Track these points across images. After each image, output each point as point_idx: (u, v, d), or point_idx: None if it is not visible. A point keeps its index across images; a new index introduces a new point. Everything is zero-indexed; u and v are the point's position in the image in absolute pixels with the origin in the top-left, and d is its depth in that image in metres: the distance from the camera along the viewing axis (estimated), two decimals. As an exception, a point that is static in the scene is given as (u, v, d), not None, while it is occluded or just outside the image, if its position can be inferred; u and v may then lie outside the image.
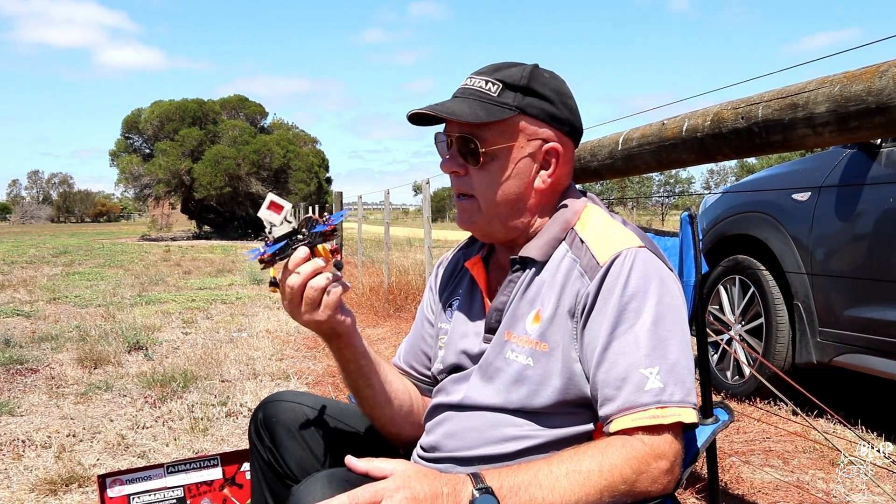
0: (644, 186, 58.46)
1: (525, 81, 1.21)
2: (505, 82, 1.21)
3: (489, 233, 1.27)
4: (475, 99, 1.20)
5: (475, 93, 1.21)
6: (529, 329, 1.20)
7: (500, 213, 1.24)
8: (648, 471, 1.06)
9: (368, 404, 1.35)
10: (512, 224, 1.25)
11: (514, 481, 1.02)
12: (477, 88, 1.21)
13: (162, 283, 10.02)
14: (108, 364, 4.58)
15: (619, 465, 1.04)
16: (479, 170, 1.22)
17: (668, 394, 1.08)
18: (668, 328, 1.12)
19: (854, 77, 1.37)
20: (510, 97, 1.20)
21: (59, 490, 2.55)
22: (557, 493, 1.02)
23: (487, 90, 1.20)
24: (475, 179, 1.22)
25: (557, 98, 1.23)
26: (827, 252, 3.31)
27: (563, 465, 1.05)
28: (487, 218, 1.24)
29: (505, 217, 1.24)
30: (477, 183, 1.22)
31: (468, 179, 1.23)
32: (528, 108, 1.21)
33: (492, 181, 1.22)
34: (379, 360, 1.34)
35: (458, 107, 1.19)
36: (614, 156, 2.28)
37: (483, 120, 1.18)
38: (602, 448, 1.07)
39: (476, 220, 1.25)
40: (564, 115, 1.24)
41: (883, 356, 2.99)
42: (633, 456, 1.05)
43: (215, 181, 28.51)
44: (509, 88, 1.20)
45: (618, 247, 1.17)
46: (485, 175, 1.22)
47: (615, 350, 1.11)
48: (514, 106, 1.20)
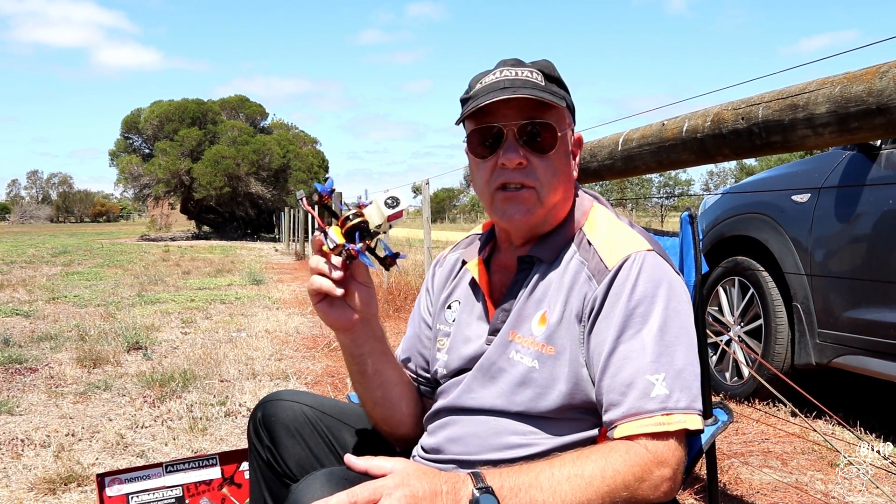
0: (644, 188, 58.48)
1: (557, 74, 1.24)
2: (544, 73, 1.21)
3: (539, 225, 1.24)
4: (532, 87, 1.18)
5: (527, 82, 1.19)
6: (535, 331, 1.19)
7: (556, 204, 1.23)
8: (651, 478, 1.05)
9: (362, 399, 1.35)
10: (559, 214, 1.25)
11: (515, 482, 1.01)
12: (525, 78, 1.19)
13: (161, 283, 10.02)
14: (107, 364, 4.57)
15: (622, 472, 1.04)
16: (544, 159, 1.19)
17: (673, 400, 1.07)
18: (674, 334, 1.11)
19: (854, 78, 1.37)
20: (554, 87, 1.21)
21: (57, 489, 2.54)
22: (558, 497, 1.01)
23: (535, 80, 1.19)
24: (540, 169, 1.19)
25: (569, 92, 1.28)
26: (826, 253, 3.31)
27: (566, 468, 1.04)
28: (547, 208, 1.21)
29: (558, 207, 1.24)
30: (542, 173, 1.19)
31: (531, 170, 1.19)
32: (567, 99, 1.24)
33: (555, 170, 1.20)
34: (382, 367, 1.32)
35: (537, 92, 1.17)
36: (614, 156, 2.28)
37: (560, 104, 1.18)
38: (605, 453, 1.06)
39: (535, 211, 1.20)
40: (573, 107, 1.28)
41: (882, 358, 2.99)
42: (636, 462, 1.05)
43: (215, 181, 28.52)
44: (548, 80, 1.21)
45: (626, 250, 1.16)
46: (549, 164, 1.19)
47: (621, 355, 1.10)
48: (561, 95, 1.22)
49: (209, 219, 32.80)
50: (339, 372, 4.37)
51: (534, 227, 1.24)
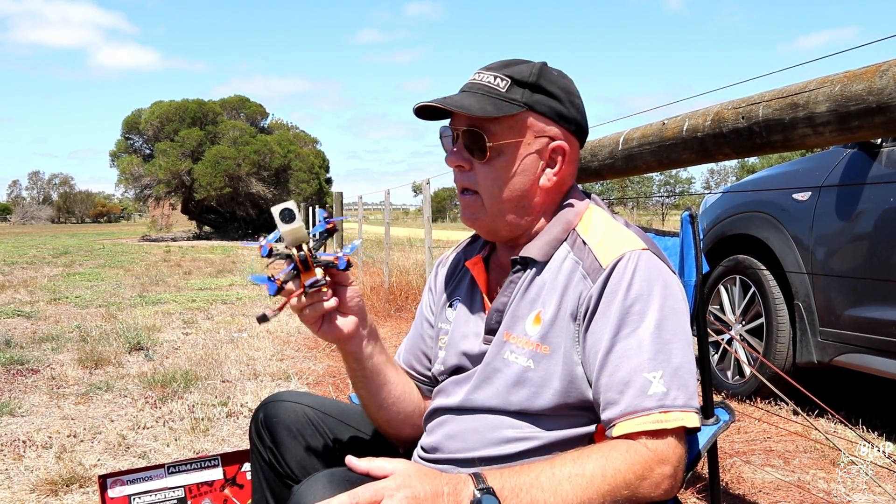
0: (644, 186, 58.47)
1: (534, 78, 1.20)
2: (514, 78, 1.20)
3: (493, 230, 1.26)
4: (483, 94, 1.19)
5: (483, 87, 1.20)
6: (530, 330, 1.19)
7: (504, 210, 1.23)
8: (651, 476, 1.05)
9: (363, 403, 1.35)
10: (516, 222, 1.24)
11: (516, 482, 1.02)
12: (485, 83, 1.21)
13: (162, 283, 10.02)
14: (108, 364, 4.58)
15: (623, 470, 1.04)
16: (484, 165, 1.21)
17: (671, 398, 1.07)
18: (671, 331, 1.11)
19: (855, 76, 1.37)
20: (519, 93, 1.20)
21: (59, 490, 2.55)
22: (559, 496, 1.01)
23: (496, 85, 1.20)
24: (480, 175, 1.21)
25: (565, 96, 1.23)
26: (827, 252, 3.31)
27: (566, 467, 1.04)
28: (491, 215, 1.23)
29: (509, 214, 1.23)
30: (482, 178, 1.21)
31: (473, 175, 1.22)
32: (537, 105, 1.20)
33: (497, 177, 1.21)
34: (383, 368, 1.32)
35: (466, 101, 1.19)
36: (615, 156, 2.28)
37: (491, 114, 1.17)
38: (605, 452, 1.06)
39: (479, 217, 1.24)
40: (571, 113, 1.24)
41: (883, 356, 2.99)
42: (637, 461, 1.05)
43: (215, 182, 28.51)
44: (518, 85, 1.20)
45: (621, 249, 1.16)
46: (490, 170, 1.21)
47: (618, 354, 1.10)
48: (522, 102, 1.19)
49: (210, 219, 32.78)
50: (340, 372, 4.37)
51: (488, 232, 1.27)
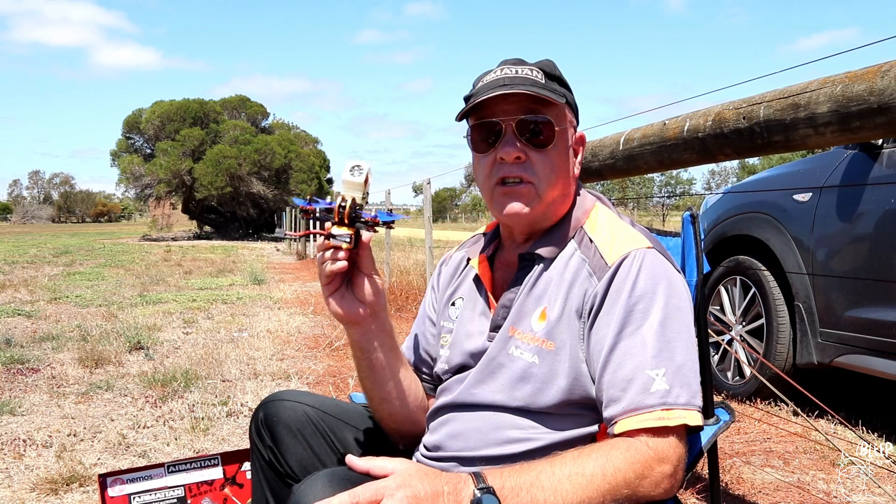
0: (645, 187, 58.46)
1: (558, 72, 1.25)
2: (545, 71, 1.23)
3: (538, 220, 1.25)
4: (531, 84, 1.20)
5: (526, 80, 1.21)
6: (535, 327, 1.20)
7: (555, 199, 1.24)
8: (651, 475, 1.05)
9: (367, 394, 1.36)
10: (560, 209, 1.27)
11: (516, 482, 1.02)
12: (525, 76, 1.21)
13: (163, 283, 10.03)
14: (108, 364, 4.58)
15: (623, 469, 1.04)
16: (540, 153, 1.21)
17: (673, 396, 1.08)
18: (675, 330, 1.11)
19: (856, 77, 1.37)
20: (555, 85, 1.23)
21: (59, 489, 2.55)
22: (559, 496, 1.01)
23: (535, 77, 1.21)
24: (538, 164, 1.21)
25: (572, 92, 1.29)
26: (828, 253, 3.31)
27: (566, 466, 1.04)
28: (545, 204, 1.23)
29: (557, 203, 1.25)
30: (540, 167, 1.21)
31: (528, 165, 1.21)
32: (568, 97, 1.25)
33: (554, 165, 1.22)
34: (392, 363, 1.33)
35: (534, 89, 1.19)
36: (615, 156, 2.28)
37: (559, 101, 1.20)
38: (606, 451, 1.06)
39: (534, 206, 1.22)
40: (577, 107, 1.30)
41: (884, 357, 2.99)
42: (637, 459, 1.05)
43: (216, 181, 28.52)
44: (549, 78, 1.23)
45: (626, 247, 1.17)
46: (547, 159, 1.21)
47: (621, 351, 1.11)
48: (561, 93, 1.23)
49: (211, 219, 32.80)
50: (340, 372, 4.37)
51: (533, 221, 1.25)
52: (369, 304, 1.24)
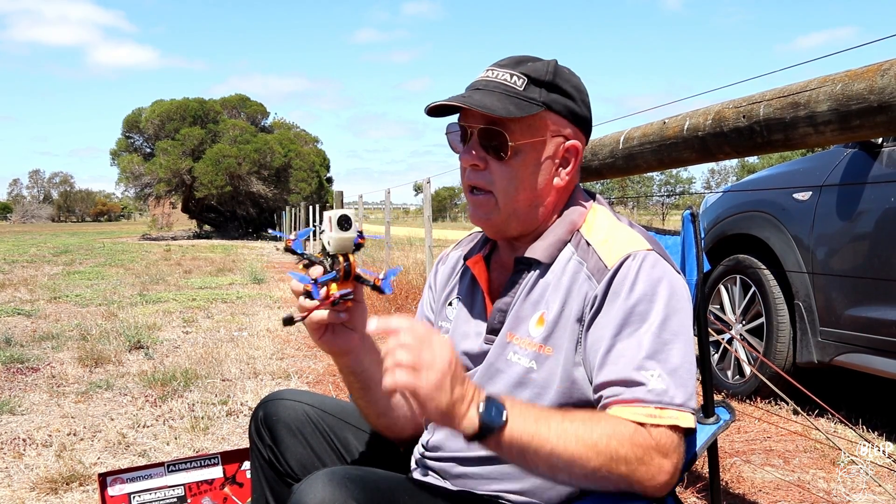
0: (645, 186, 58.45)
1: (550, 77, 1.20)
2: (530, 77, 1.19)
3: (503, 230, 1.25)
4: (502, 92, 1.18)
5: (501, 86, 1.19)
6: (533, 332, 1.19)
7: (518, 211, 1.21)
8: (650, 464, 1.05)
9: (365, 412, 1.35)
10: (528, 221, 1.23)
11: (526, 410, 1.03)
12: (502, 81, 1.19)
13: (162, 282, 10.02)
14: (108, 363, 4.58)
15: (626, 445, 1.04)
16: (501, 164, 1.19)
17: (669, 396, 1.07)
18: (672, 332, 1.11)
19: (856, 76, 1.36)
20: (536, 92, 1.19)
21: (59, 489, 2.55)
22: (561, 442, 1.01)
23: (513, 84, 1.18)
24: (496, 174, 1.19)
25: (578, 95, 1.23)
26: (828, 251, 3.31)
27: (576, 423, 1.04)
28: (505, 215, 1.21)
29: (522, 215, 1.22)
30: (498, 178, 1.19)
31: (487, 174, 1.20)
32: (553, 105, 1.20)
33: (514, 177, 1.19)
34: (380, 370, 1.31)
35: (487, 100, 1.16)
36: (615, 155, 2.28)
37: (514, 115, 1.15)
38: (615, 423, 1.06)
39: (492, 217, 1.22)
40: (583, 112, 1.24)
41: (884, 355, 2.99)
42: (640, 443, 1.04)
43: (216, 180, 28.50)
44: (535, 84, 1.19)
45: (625, 249, 1.16)
46: (507, 170, 1.19)
47: (618, 352, 1.10)
48: (540, 101, 1.18)
49: (210, 218, 32.77)
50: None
51: (496, 230, 1.25)
52: (359, 329, 1.23)
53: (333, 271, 1.13)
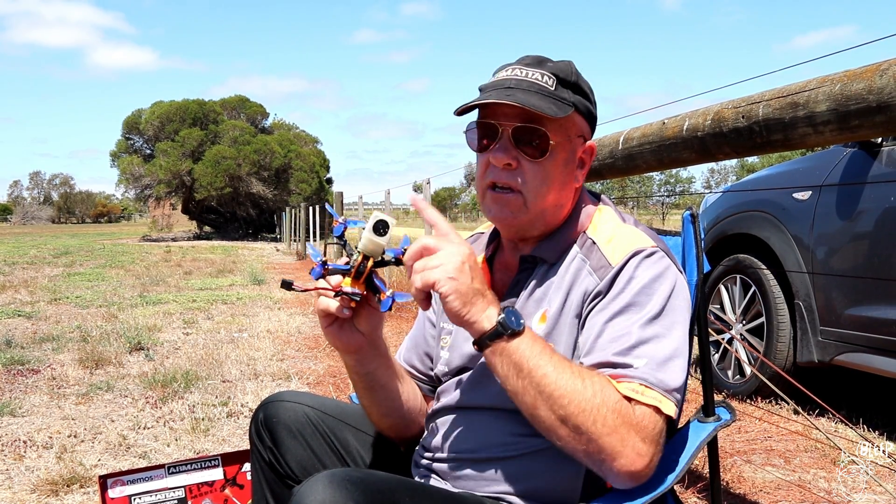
0: (645, 186, 58.45)
1: (574, 78, 1.21)
2: (559, 77, 1.20)
3: (527, 229, 1.24)
4: (537, 92, 1.17)
5: (534, 85, 1.18)
6: (535, 328, 1.19)
7: (545, 210, 1.22)
8: (624, 439, 1.03)
9: (368, 412, 1.35)
10: (551, 221, 1.24)
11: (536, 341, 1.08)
12: (534, 81, 1.19)
13: (163, 283, 10.02)
14: (109, 365, 4.58)
15: (608, 406, 1.03)
16: (534, 163, 1.18)
17: (655, 378, 1.08)
18: (667, 326, 1.12)
19: (855, 76, 1.37)
20: (566, 93, 1.19)
21: (60, 491, 2.55)
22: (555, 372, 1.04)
23: (545, 83, 1.18)
24: (528, 174, 1.18)
25: (593, 96, 1.26)
26: (828, 251, 3.31)
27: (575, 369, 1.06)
28: (533, 214, 1.21)
29: (548, 215, 1.23)
30: (530, 177, 1.18)
31: (519, 173, 1.19)
32: (579, 105, 1.21)
33: (546, 177, 1.19)
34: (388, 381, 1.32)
35: (533, 100, 1.16)
36: (615, 155, 2.28)
37: (558, 115, 1.15)
38: (605, 385, 1.06)
39: (519, 216, 1.21)
40: (595, 113, 1.27)
41: (884, 355, 2.99)
42: (620, 412, 1.04)
43: (216, 181, 28.51)
44: (563, 84, 1.20)
45: (630, 248, 1.17)
46: (539, 170, 1.18)
47: (609, 336, 1.11)
48: (570, 102, 1.19)
49: (210, 219, 32.77)
50: (340, 372, 4.37)
51: (519, 229, 1.25)
52: (368, 333, 1.23)
53: (347, 265, 1.15)
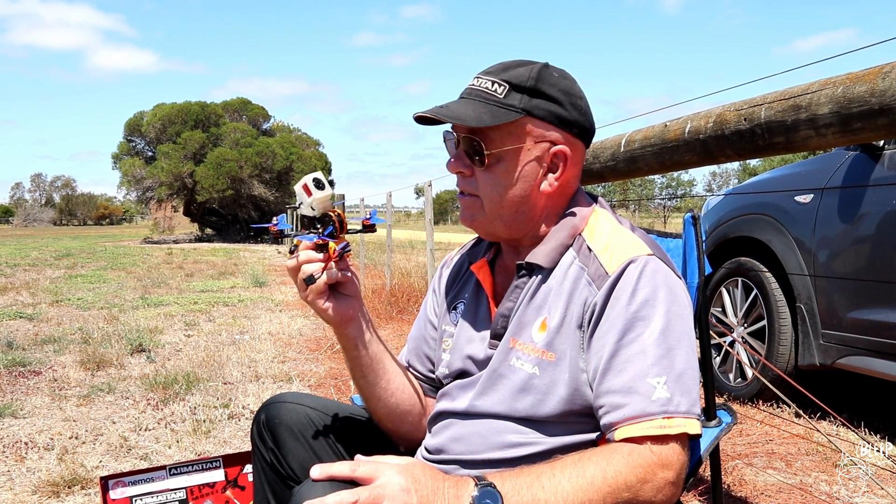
0: (646, 189, 58.46)
1: (532, 83, 1.18)
2: (511, 83, 1.18)
3: (491, 232, 1.27)
4: (480, 100, 1.19)
5: (481, 94, 1.20)
6: (535, 337, 1.19)
7: (504, 215, 1.23)
8: (654, 480, 1.05)
9: (364, 395, 1.36)
10: (516, 226, 1.24)
11: (517, 481, 1.02)
12: (483, 89, 1.20)
13: (164, 285, 10.03)
14: (110, 366, 4.58)
15: (624, 472, 1.04)
16: (484, 171, 1.21)
17: (674, 404, 1.07)
18: (675, 337, 1.11)
19: (857, 78, 1.37)
20: (517, 99, 1.18)
21: (61, 492, 2.55)
22: (560, 496, 1.01)
23: (493, 91, 1.19)
24: (480, 180, 1.22)
25: (566, 99, 1.21)
26: (830, 254, 3.31)
27: (567, 469, 1.04)
28: (490, 218, 1.24)
29: (509, 219, 1.23)
30: (482, 184, 1.22)
31: (473, 180, 1.23)
32: (535, 111, 1.18)
33: (497, 183, 1.21)
34: (382, 356, 1.34)
35: (462, 109, 1.18)
36: (616, 158, 2.28)
37: (487, 124, 1.16)
38: (607, 454, 1.06)
39: (478, 219, 1.25)
40: (573, 116, 1.21)
41: (886, 358, 2.98)
42: (639, 464, 1.05)
43: (217, 184, 28.52)
44: (516, 90, 1.18)
45: (627, 255, 1.16)
46: (490, 177, 1.21)
47: (622, 359, 1.10)
48: (520, 108, 1.18)
49: (212, 221, 32.77)
50: (342, 374, 4.37)
51: (485, 232, 1.28)
52: (356, 296, 1.27)
53: (330, 226, 1.20)
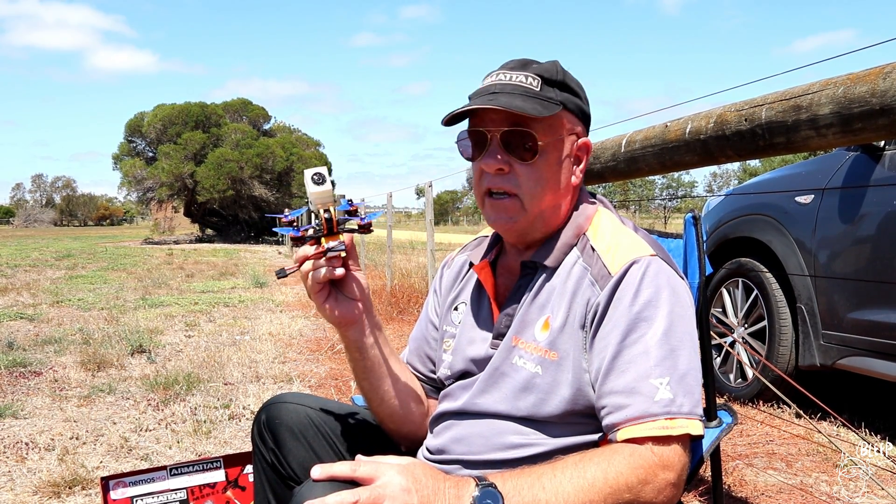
0: (647, 189, 58.45)
1: (561, 77, 1.21)
2: (543, 77, 1.19)
3: (528, 232, 1.24)
4: (521, 94, 1.18)
5: (518, 87, 1.18)
6: (538, 336, 1.19)
7: (544, 212, 1.22)
8: (655, 481, 1.05)
9: (366, 395, 1.36)
10: (551, 222, 1.24)
11: (518, 482, 1.02)
12: (518, 83, 1.19)
13: (165, 286, 10.03)
14: (111, 367, 4.58)
15: (625, 474, 1.04)
16: (526, 166, 1.18)
17: (677, 405, 1.07)
18: (678, 338, 1.11)
19: (857, 79, 1.37)
20: (552, 92, 1.19)
21: (62, 492, 2.55)
22: (561, 497, 1.01)
23: (529, 85, 1.19)
24: (522, 176, 1.19)
25: (583, 93, 1.25)
26: (830, 254, 3.31)
27: (568, 470, 1.04)
28: (531, 217, 1.21)
29: (547, 215, 1.23)
30: (524, 180, 1.19)
31: (512, 177, 1.19)
32: (568, 103, 1.21)
33: (540, 178, 1.19)
34: (385, 359, 1.34)
35: (516, 101, 1.16)
36: (617, 158, 2.28)
37: (543, 115, 1.16)
38: (608, 455, 1.06)
39: (518, 220, 1.21)
40: (588, 110, 1.26)
41: (886, 359, 2.98)
42: (640, 465, 1.05)
43: (218, 184, 28.53)
44: (548, 84, 1.19)
45: (630, 256, 1.16)
46: (533, 171, 1.19)
47: (625, 359, 1.10)
48: (557, 101, 1.19)
49: (213, 222, 32.79)
50: (342, 374, 4.37)
51: (520, 233, 1.25)
52: (361, 299, 1.26)
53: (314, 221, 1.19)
